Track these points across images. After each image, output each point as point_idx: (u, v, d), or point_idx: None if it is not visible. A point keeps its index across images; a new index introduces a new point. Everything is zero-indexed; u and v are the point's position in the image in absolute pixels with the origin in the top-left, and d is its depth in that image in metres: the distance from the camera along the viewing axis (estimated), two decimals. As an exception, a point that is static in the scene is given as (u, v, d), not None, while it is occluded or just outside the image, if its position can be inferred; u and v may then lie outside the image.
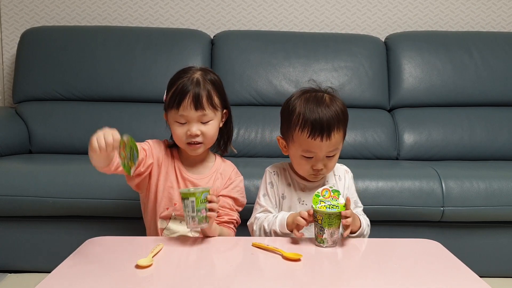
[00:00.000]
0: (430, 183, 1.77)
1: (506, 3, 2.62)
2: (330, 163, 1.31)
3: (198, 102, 1.30)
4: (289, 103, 1.33)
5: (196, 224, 1.17)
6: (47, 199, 1.71)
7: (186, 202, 1.17)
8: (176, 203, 1.39)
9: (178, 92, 1.30)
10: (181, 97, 1.30)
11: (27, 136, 2.24)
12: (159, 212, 1.40)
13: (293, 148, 1.31)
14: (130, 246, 1.20)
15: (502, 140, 2.27)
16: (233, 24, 2.61)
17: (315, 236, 1.21)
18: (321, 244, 1.20)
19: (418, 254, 1.20)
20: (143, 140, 1.54)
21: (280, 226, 1.27)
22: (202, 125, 1.34)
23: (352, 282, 1.05)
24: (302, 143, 1.27)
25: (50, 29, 2.42)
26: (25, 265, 1.83)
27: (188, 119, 1.32)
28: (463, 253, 1.35)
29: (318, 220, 1.18)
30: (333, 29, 2.62)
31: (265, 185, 1.39)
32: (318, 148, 1.26)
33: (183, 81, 1.32)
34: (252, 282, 1.01)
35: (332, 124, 1.24)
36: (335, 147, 1.28)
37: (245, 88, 2.35)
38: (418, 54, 2.40)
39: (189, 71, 1.35)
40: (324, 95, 1.30)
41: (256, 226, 1.34)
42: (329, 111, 1.25)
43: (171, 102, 1.32)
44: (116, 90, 2.33)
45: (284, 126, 1.34)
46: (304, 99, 1.30)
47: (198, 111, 1.31)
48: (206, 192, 1.18)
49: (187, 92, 1.30)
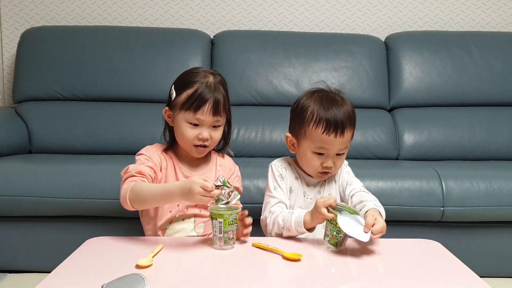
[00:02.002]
0: (430, 183, 1.77)
1: (506, 3, 2.62)
2: (339, 162, 1.34)
3: (217, 109, 1.33)
4: (301, 101, 1.36)
5: (222, 245, 1.17)
6: (47, 199, 1.71)
7: (214, 222, 1.17)
8: (178, 204, 1.37)
9: (198, 96, 1.31)
10: (201, 102, 1.31)
11: (27, 136, 2.24)
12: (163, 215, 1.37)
13: (304, 145, 1.33)
14: (130, 246, 1.20)
15: (502, 140, 2.27)
16: (233, 24, 2.61)
17: (329, 238, 1.19)
18: (334, 247, 1.19)
19: (418, 254, 1.20)
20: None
21: (296, 223, 1.24)
22: (213, 129, 1.36)
23: (352, 282, 1.05)
24: (315, 139, 1.29)
25: (50, 29, 2.42)
26: (25, 265, 1.83)
27: (203, 123, 1.33)
28: (463, 253, 1.35)
29: (336, 222, 1.17)
30: (333, 29, 2.62)
31: (274, 179, 1.38)
32: (331, 144, 1.29)
33: (201, 85, 1.32)
34: (252, 282, 1.01)
35: (345, 122, 1.29)
36: (346, 145, 1.32)
37: (245, 88, 2.35)
38: (418, 54, 2.40)
39: (200, 73, 1.36)
40: (336, 95, 1.35)
41: (270, 220, 1.31)
42: (342, 109, 1.30)
43: (188, 104, 1.31)
44: (116, 90, 2.33)
45: (296, 123, 1.36)
46: (317, 98, 1.33)
47: (214, 117, 1.33)
48: (234, 214, 1.17)
49: (208, 98, 1.31)
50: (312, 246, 1.22)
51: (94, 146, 2.22)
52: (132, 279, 0.97)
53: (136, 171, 1.29)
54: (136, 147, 1.49)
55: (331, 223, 1.17)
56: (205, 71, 1.38)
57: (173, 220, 1.39)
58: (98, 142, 2.23)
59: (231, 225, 1.17)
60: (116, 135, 2.24)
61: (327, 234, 1.19)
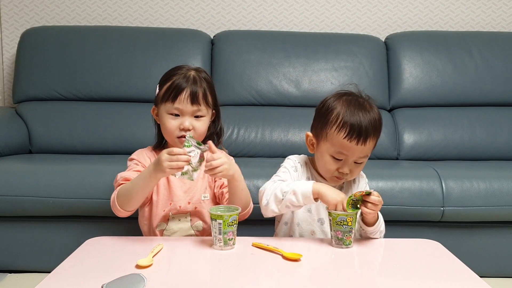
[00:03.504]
0: (430, 183, 1.77)
1: (506, 3, 2.62)
2: (356, 170, 1.30)
3: (195, 97, 1.33)
4: (328, 102, 1.32)
5: (221, 246, 1.17)
6: (47, 199, 1.71)
7: (214, 223, 1.17)
8: (171, 202, 1.38)
9: (175, 87, 1.33)
10: (178, 91, 1.32)
11: (27, 136, 2.24)
12: (157, 216, 1.38)
13: (323, 147, 1.29)
14: (130, 246, 1.20)
15: (502, 140, 2.27)
16: (233, 24, 2.61)
17: (340, 239, 1.18)
18: (348, 246, 1.18)
19: (418, 254, 1.20)
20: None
21: (303, 191, 1.20)
22: (195, 119, 1.35)
23: (352, 282, 1.04)
24: (335, 143, 1.26)
25: (50, 29, 2.42)
26: (25, 265, 1.83)
27: (182, 112, 1.34)
28: (463, 253, 1.35)
29: (348, 222, 1.16)
30: (333, 29, 2.62)
31: (286, 168, 1.36)
32: (351, 151, 1.25)
33: (180, 77, 1.34)
34: (252, 282, 1.01)
35: (370, 131, 1.25)
36: (366, 154, 1.28)
37: (245, 88, 2.35)
38: (418, 54, 2.40)
39: (183, 69, 1.38)
40: (365, 101, 1.30)
41: (270, 190, 1.26)
42: (369, 117, 1.25)
43: (166, 95, 1.34)
44: (116, 90, 2.33)
45: (319, 123, 1.32)
46: (345, 101, 1.29)
47: (193, 106, 1.33)
48: (234, 215, 1.17)
49: (185, 87, 1.33)
50: (312, 246, 1.22)
51: (94, 146, 2.22)
52: (132, 279, 0.97)
53: (122, 179, 1.33)
54: (136, 147, 1.50)
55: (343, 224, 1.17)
56: (190, 68, 1.39)
57: (168, 219, 1.39)
58: (98, 142, 2.23)
59: (230, 226, 1.17)
60: (116, 135, 2.24)
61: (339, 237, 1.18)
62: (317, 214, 1.35)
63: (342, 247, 1.19)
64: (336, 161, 1.28)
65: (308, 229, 1.36)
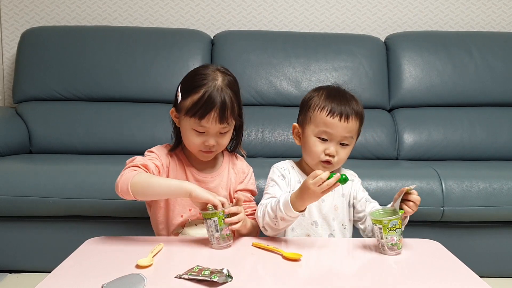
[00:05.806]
0: (430, 183, 1.77)
1: (506, 3, 2.62)
2: (342, 153, 1.31)
3: (224, 116, 1.26)
4: (309, 93, 1.38)
5: (220, 244, 1.17)
6: (47, 199, 1.71)
7: (209, 222, 1.16)
8: (191, 208, 1.36)
9: (204, 104, 1.24)
10: (207, 109, 1.24)
11: (27, 136, 2.24)
12: (173, 220, 1.36)
13: (308, 130, 1.31)
14: (130, 246, 1.20)
15: (502, 140, 2.28)
16: (233, 24, 2.61)
17: (395, 244, 1.15)
18: (401, 250, 1.16)
19: (418, 254, 1.20)
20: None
21: (284, 206, 1.18)
22: (220, 136, 1.31)
23: (352, 282, 1.04)
24: (319, 122, 1.29)
25: (50, 29, 2.42)
26: (25, 265, 1.83)
27: (209, 131, 1.28)
28: (463, 253, 1.35)
29: (399, 225, 1.15)
30: (333, 29, 2.62)
31: (272, 179, 1.36)
32: (335, 128, 1.27)
33: (208, 90, 1.25)
34: (252, 282, 1.01)
35: (351, 110, 1.29)
36: (351, 135, 1.30)
37: (245, 88, 2.34)
38: (418, 54, 2.40)
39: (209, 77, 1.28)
40: (345, 91, 1.36)
41: (261, 213, 1.27)
42: (348, 102, 1.31)
43: (193, 110, 1.26)
44: (116, 90, 2.33)
45: (302, 111, 1.37)
46: (325, 89, 1.36)
47: (221, 125, 1.28)
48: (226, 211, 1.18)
49: (214, 105, 1.24)
50: (312, 246, 1.22)
51: (94, 146, 2.22)
52: (132, 279, 0.97)
53: (141, 163, 1.28)
54: (136, 147, 1.50)
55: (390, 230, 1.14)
56: (215, 71, 1.30)
57: (185, 225, 1.38)
58: (98, 142, 2.23)
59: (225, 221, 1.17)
60: (116, 135, 2.23)
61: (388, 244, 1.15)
62: (310, 217, 1.35)
63: (396, 252, 1.16)
64: (321, 142, 1.30)
65: (303, 233, 1.35)
